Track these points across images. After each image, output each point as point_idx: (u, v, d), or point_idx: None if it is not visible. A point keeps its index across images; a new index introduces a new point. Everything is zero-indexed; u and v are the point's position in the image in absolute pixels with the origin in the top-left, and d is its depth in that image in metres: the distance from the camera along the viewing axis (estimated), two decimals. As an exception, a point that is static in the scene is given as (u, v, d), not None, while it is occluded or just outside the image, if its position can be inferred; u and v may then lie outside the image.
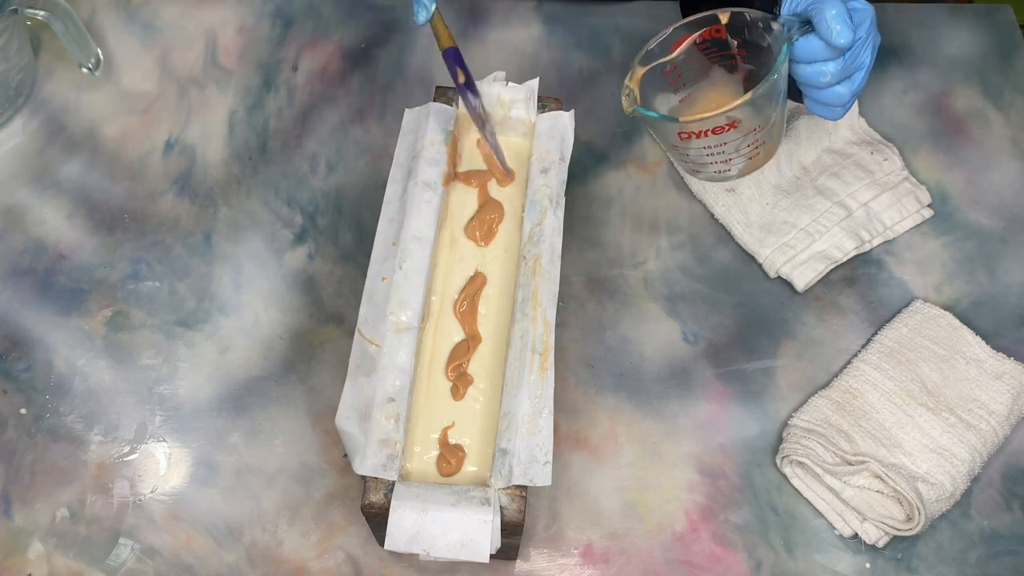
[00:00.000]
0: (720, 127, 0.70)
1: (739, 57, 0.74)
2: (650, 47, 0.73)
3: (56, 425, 0.78)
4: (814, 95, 0.72)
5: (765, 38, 0.71)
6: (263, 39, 0.96)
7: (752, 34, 0.71)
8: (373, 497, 0.65)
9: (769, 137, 0.74)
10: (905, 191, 0.86)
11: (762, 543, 0.74)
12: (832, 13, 0.66)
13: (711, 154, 0.74)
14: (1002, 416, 0.76)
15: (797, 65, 0.70)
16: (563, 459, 0.77)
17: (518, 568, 0.74)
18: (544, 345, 0.69)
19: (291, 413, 0.79)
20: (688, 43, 0.73)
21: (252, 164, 0.89)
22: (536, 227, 0.74)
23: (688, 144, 0.72)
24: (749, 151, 0.74)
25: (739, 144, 0.73)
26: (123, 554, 0.74)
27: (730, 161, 0.75)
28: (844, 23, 0.66)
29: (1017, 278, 0.85)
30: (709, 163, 0.75)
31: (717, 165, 0.75)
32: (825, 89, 0.71)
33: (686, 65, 0.75)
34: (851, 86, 0.71)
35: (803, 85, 0.72)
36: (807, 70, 0.70)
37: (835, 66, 0.69)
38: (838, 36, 0.66)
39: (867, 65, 0.71)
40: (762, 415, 0.79)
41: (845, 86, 0.71)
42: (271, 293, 0.83)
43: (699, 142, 0.72)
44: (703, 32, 0.72)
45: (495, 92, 0.79)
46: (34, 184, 0.88)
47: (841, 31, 0.66)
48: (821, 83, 0.70)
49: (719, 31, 0.72)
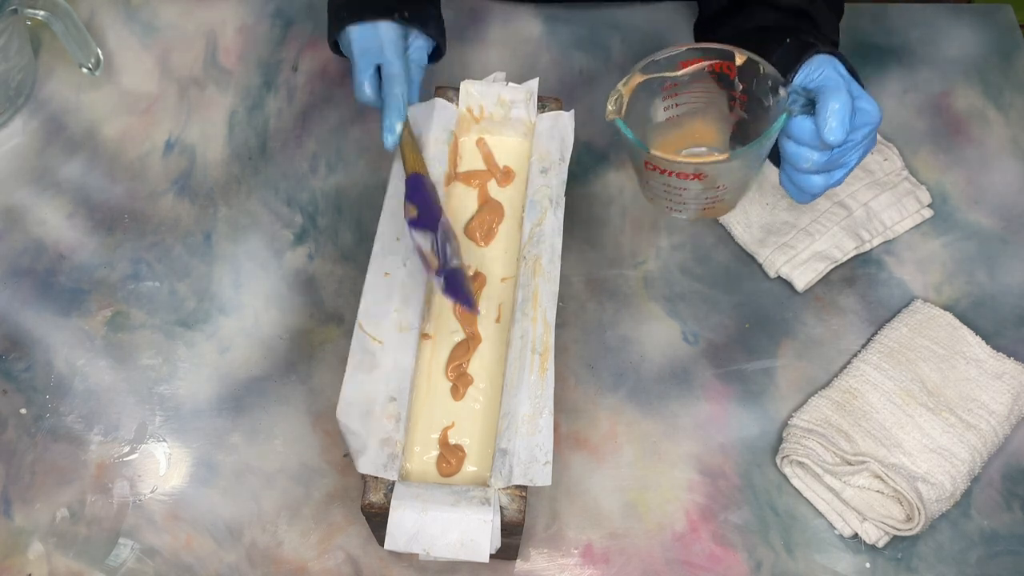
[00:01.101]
0: (685, 174, 0.68)
1: (739, 102, 0.71)
2: (656, 58, 0.70)
3: (56, 425, 0.78)
4: (791, 173, 0.70)
5: (768, 97, 0.68)
6: (263, 39, 0.96)
7: (758, 87, 0.69)
8: (373, 497, 0.65)
9: (730, 195, 0.72)
10: (905, 191, 0.86)
11: (762, 543, 0.74)
12: (835, 107, 0.64)
13: (668, 192, 0.71)
14: (1002, 416, 0.76)
15: (786, 139, 0.68)
16: (563, 459, 0.77)
17: (518, 568, 0.74)
18: (544, 345, 0.69)
19: (291, 413, 0.78)
20: (696, 68, 0.71)
21: (252, 164, 0.89)
22: (536, 227, 0.74)
23: (650, 174, 0.70)
24: (705, 203, 0.72)
25: (698, 194, 0.71)
26: (123, 554, 0.74)
27: (685, 204, 0.73)
28: (841, 122, 0.64)
29: (1017, 278, 0.85)
30: (664, 198, 0.73)
31: (672, 204, 0.73)
32: (803, 174, 0.69)
33: (686, 87, 0.72)
34: (828, 180, 0.69)
35: (784, 161, 0.70)
36: (793, 148, 0.68)
37: (820, 156, 0.67)
38: (830, 132, 0.64)
39: (851, 166, 0.69)
40: (762, 415, 0.79)
41: (822, 178, 0.69)
42: (271, 293, 0.83)
43: (661, 178, 0.70)
44: (713, 63, 0.70)
45: (495, 92, 0.79)
46: (34, 184, 0.88)
47: (835, 129, 0.64)
48: (802, 167, 0.68)
49: (730, 68, 0.70)
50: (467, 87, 0.79)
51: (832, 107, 0.64)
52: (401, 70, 0.75)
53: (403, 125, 0.74)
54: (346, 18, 0.77)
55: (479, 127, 0.81)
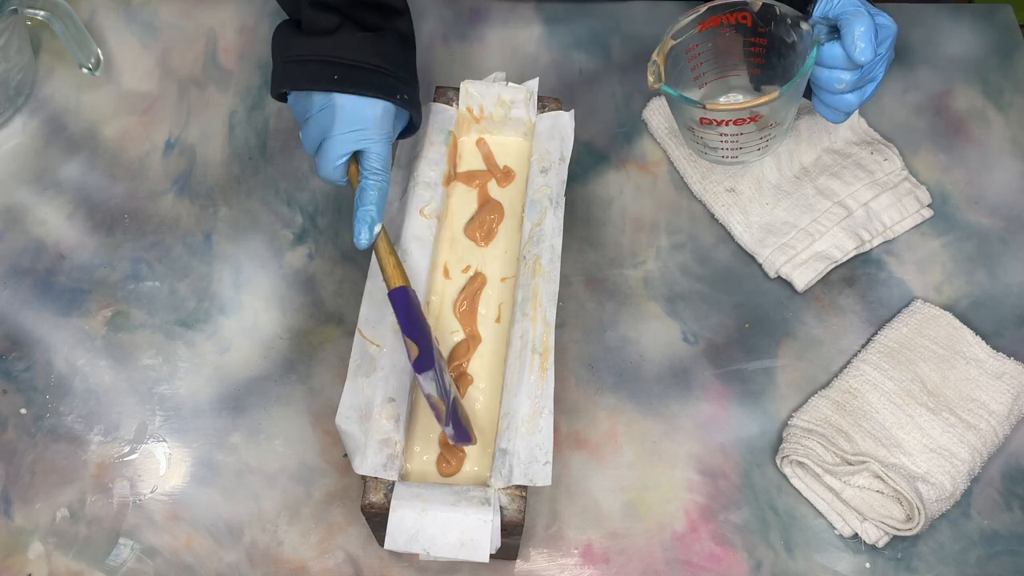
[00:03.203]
0: (742, 119, 0.73)
1: (757, 47, 0.77)
2: (681, 23, 0.75)
3: (56, 425, 0.78)
4: (825, 98, 0.74)
5: (791, 35, 0.73)
6: (263, 39, 0.96)
7: (778, 28, 0.74)
8: (373, 497, 0.65)
9: (780, 132, 0.78)
10: (905, 191, 0.86)
11: (762, 543, 0.74)
12: (861, 30, 0.68)
13: (725, 142, 0.77)
14: (1002, 416, 0.76)
15: (815, 68, 0.72)
16: (563, 459, 0.77)
17: (518, 568, 0.74)
18: (544, 345, 0.69)
19: (291, 413, 0.78)
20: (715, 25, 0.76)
21: (252, 164, 0.89)
22: (536, 227, 0.74)
23: (705, 129, 0.75)
24: (760, 143, 0.77)
25: (754, 137, 0.76)
26: (123, 554, 0.74)
27: (741, 150, 0.78)
28: (869, 41, 0.68)
29: (1017, 278, 0.85)
30: (721, 149, 0.78)
31: (728, 152, 0.78)
32: (837, 95, 0.73)
33: (706, 48, 0.77)
34: (861, 96, 0.73)
35: (816, 87, 0.74)
36: (824, 74, 0.72)
37: (851, 76, 0.71)
38: (861, 53, 0.68)
39: (879, 78, 0.73)
40: (762, 415, 0.79)
41: (856, 95, 0.73)
42: (271, 293, 0.83)
43: (717, 129, 0.75)
44: (731, 16, 0.75)
45: (495, 92, 0.79)
46: (34, 184, 0.88)
47: (865, 49, 0.68)
48: (835, 89, 0.72)
49: (746, 18, 0.75)
50: (467, 87, 0.80)
51: (859, 30, 0.68)
52: (388, 162, 0.70)
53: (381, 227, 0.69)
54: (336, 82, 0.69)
55: (479, 127, 0.81)
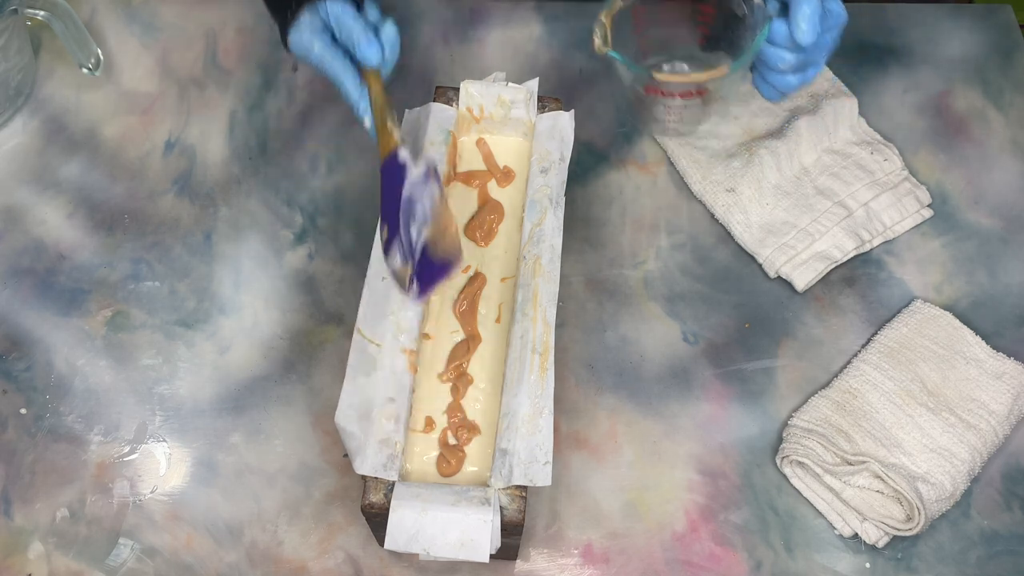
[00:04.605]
0: (688, 93, 0.73)
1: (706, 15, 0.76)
2: None
3: (56, 425, 0.78)
4: (766, 75, 0.74)
5: (741, 7, 0.73)
6: (263, 39, 0.96)
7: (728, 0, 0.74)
8: (373, 497, 0.65)
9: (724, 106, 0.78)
10: (905, 191, 0.86)
11: (762, 543, 0.74)
12: (807, 11, 0.68)
13: (670, 113, 0.77)
14: (1002, 416, 0.76)
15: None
16: (563, 459, 0.77)
17: (518, 568, 0.74)
18: (544, 345, 0.69)
19: (291, 413, 0.78)
20: None
21: (252, 164, 0.89)
22: (536, 227, 0.74)
23: (651, 99, 0.75)
24: (703, 117, 0.78)
25: (698, 111, 0.76)
26: (123, 554, 0.74)
27: (682, 122, 0.78)
28: (812, 25, 0.68)
29: (1017, 278, 0.85)
30: (666, 120, 0.78)
31: (672, 123, 0.78)
32: (779, 74, 0.73)
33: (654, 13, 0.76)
34: (803, 79, 0.74)
35: (759, 62, 0.74)
36: (770, 51, 0.72)
37: (794, 57, 0.71)
38: (802, 35, 0.69)
39: (821, 65, 0.73)
40: (762, 415, 0.79)
41: (797, 77, 0.73)
42: (271, 293, 0.83)
43: (663, 100, 0.75)
44: None
45: (495, 92, 0.79)
46: (34, 184, 0.88)
47: (807, 31, 0.68)
48: (778, 67, 0.72)
49: None
50: (467, 87, 0.79)
51: (804, 11, 0.68)
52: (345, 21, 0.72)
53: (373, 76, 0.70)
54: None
55: (479, 127, 0.81)
